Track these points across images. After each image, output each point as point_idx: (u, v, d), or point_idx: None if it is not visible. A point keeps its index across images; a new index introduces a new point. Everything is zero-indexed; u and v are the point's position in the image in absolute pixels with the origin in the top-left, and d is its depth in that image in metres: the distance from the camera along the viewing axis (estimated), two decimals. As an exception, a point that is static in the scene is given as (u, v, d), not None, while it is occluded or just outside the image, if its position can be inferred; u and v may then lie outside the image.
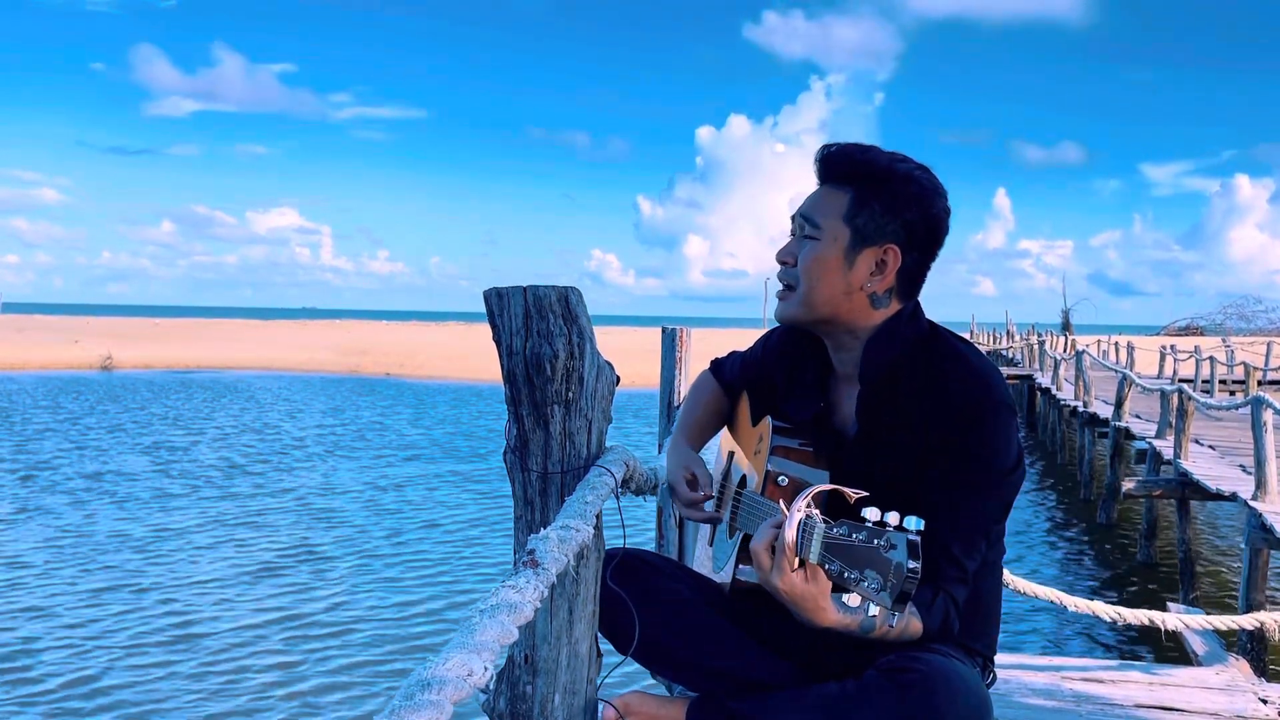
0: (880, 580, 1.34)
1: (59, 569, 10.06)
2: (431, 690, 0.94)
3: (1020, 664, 3.65)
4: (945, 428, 1.67)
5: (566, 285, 1.74)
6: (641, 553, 2.03)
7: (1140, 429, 13.21)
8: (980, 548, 1.70)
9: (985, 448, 1.66)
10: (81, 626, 8.25)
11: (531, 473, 1.77)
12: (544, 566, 1.30)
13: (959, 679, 1.58)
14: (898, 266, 1.72)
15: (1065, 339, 36.49)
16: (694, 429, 2.14)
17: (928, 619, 1.63)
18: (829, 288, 1.74)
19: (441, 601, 9.22)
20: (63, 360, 41.76)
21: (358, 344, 52.99)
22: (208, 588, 9.40)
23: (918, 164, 1.75)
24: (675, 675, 1.99)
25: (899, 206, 1.70)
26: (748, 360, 2.11)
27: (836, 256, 1.73)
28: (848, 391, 1.84)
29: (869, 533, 1.37)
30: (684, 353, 4.83)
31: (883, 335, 1.75)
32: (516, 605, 1.17)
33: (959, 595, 1.68)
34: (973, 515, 1.67)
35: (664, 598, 1.94)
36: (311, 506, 13.46)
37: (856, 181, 1.73)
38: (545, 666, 1.73)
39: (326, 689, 7.02)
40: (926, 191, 1.71)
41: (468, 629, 1.09)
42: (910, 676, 1.58)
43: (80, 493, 14.13)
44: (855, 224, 1.72)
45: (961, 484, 1.67)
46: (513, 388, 1.75)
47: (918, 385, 1.72)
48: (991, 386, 1.69)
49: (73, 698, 6.84)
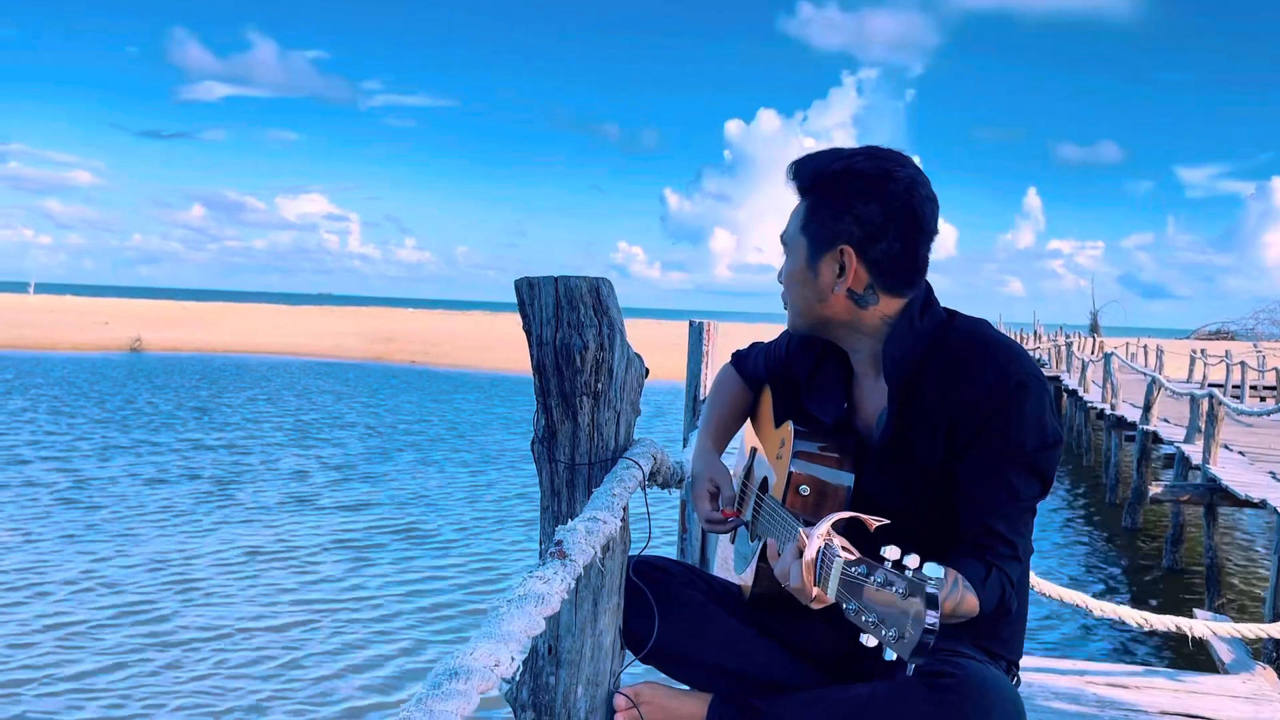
0: (898, 630, 1.29)
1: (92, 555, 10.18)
2: (459, 680, 0.94)
3: (1044, 667, 3.62)
4: (975, 413, 1.64)
5: (598, 276, 1.74)
6: (656, 558, 2.02)
7: (1169, 433, 13.08)
8: (1027, 525, 1.68)
9: (1018, 426, 1.63)
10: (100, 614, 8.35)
11: (559, 463, 1.76)
12: (571, 558, 1.30)
13: (996, 686, 1.56)
14: (858, 262, 1.69)
15: (1093, 341, 36.19)
16: (718, 429, 2.13)
17: (983, 595, 1.58)
18: (804, 298, 1.76)
19: (465, 591, 9.26)
20: (92, 342, 42.18)
21: (383, 331, 53.25)
22: (233, 576, 9.44)
23: (870, 153, 1.71)
24: (693, 678, 1.98)
25: (845, 204, 1.68)
26: (771, 353, 2.10)
27: (801, 268, 1.75)
28: (869, 391, 1.82)
29: (886, 575, 1.33)
30: (710, 347, 4.80)
31: (898, 333, 1.73)
32: (544, 596, 1.17)
33: (1013, 573, 1.64)
34: (1014, 493, 1.64)
35: (680, 602, 1.93)
36: (338, 495, 13.52)
37: (809, 191, 1.74)
38: (569, 658, 1.73)
39: (351, 679, 7.05)
40: (873, 179, 1.67)
41: (495, 619, 1.09)
42: (946, 681, 1.55)
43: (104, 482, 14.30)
44: (809, 232, 1.73)
45: (1000, 463, 1.64)
46: (542, 378, 1.75)
47: (943, 376, 1.69)
48: (1017, 360, 1.66)
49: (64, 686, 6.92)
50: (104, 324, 48.48)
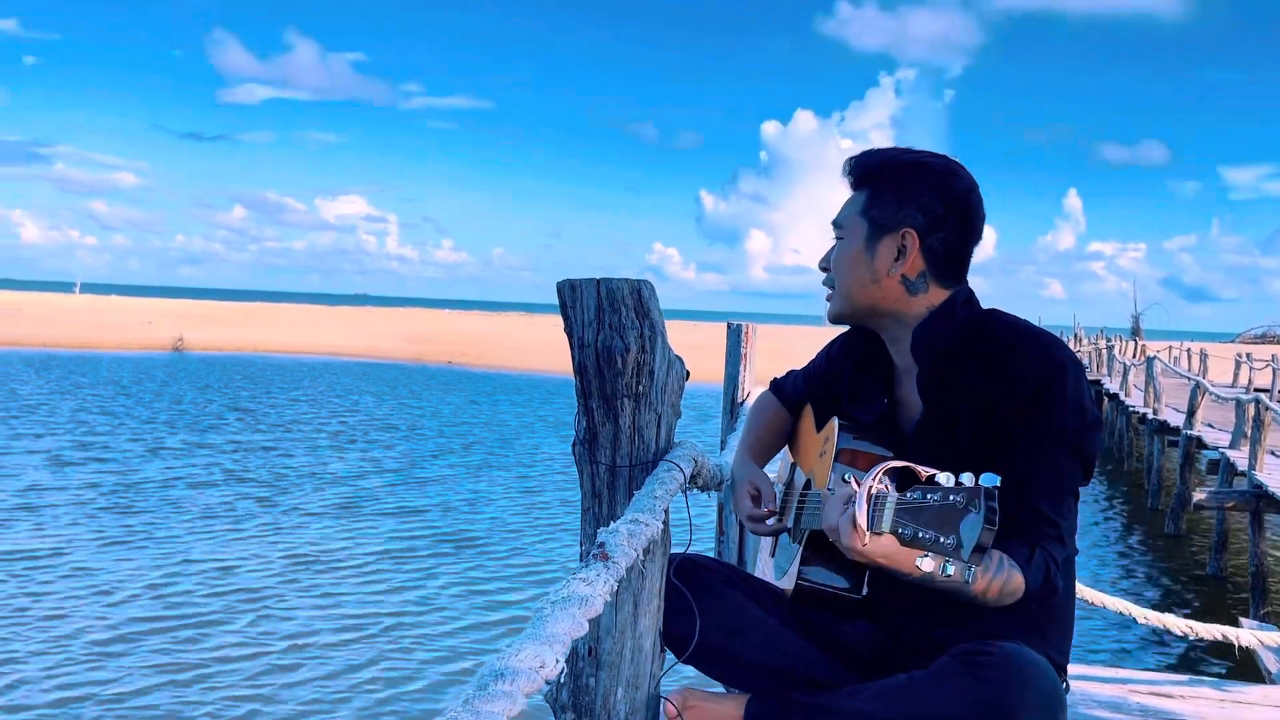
0: (956, 537, 1.30)
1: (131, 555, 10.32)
2: (505, 681, 0.95)
3: (1085, 675, 3.57)
4: (1015, 395, 1.67)
5: (639, 279, 1.74)
6: (697, 557, 2.03)
7: (1213, 439, 12.87)
8: (1071, 507, 1.68)
9: (1059, 407, 1.66)
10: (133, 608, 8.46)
11: (600, 465, 1.77)
12: (614, 560, 1.30)
13: (1034, 666, 1.56)
14: (918, 248, 1.76)
15: (1135, 344, 35.70)
16: (756, 446, 2.16)
17: (1028, 574, 1.58)
18: (857, 278, 1.81)
19: (508, 595, 9.27)
20: (136, 341, 42.82)
21: (420, 332, 53.59)
22: (279, 581, 9.43)
23: (934, 154, 1.81)
24: (732, 677, 1.98)
25: (911, 192, 1.76)
26: (810, 373, 2.13)
27: (858, 248, 1.81)
28: (910, 386, 1.83)
29: (943, 492, 1.34)
30: (749, 349, 4.76)
31: (932, 320, 1.78)
32: (587, 598, 1.17)
33: (1058, 554, 1.64)
34: (1056, 474, 1.66)
35: (722, 601, 1.94)
36: (383, 499, 13.51)
37: (873, 180, 1.82)
38: (609, 660, 1.73)
39: (397, 684, 7.06)
40: (939, 174, 1.77)
41: (539, 621, 1.09)
42: (985, 659, 1.56)
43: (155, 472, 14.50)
44: (871, 216, 1.80)
45: (1040, 446, 1.66)
46: (583, 380, 1.75)
47: (980, 360, 1.73)
48: (1057, 347, 1.70)
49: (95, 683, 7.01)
50: (147, 323, 49.20)
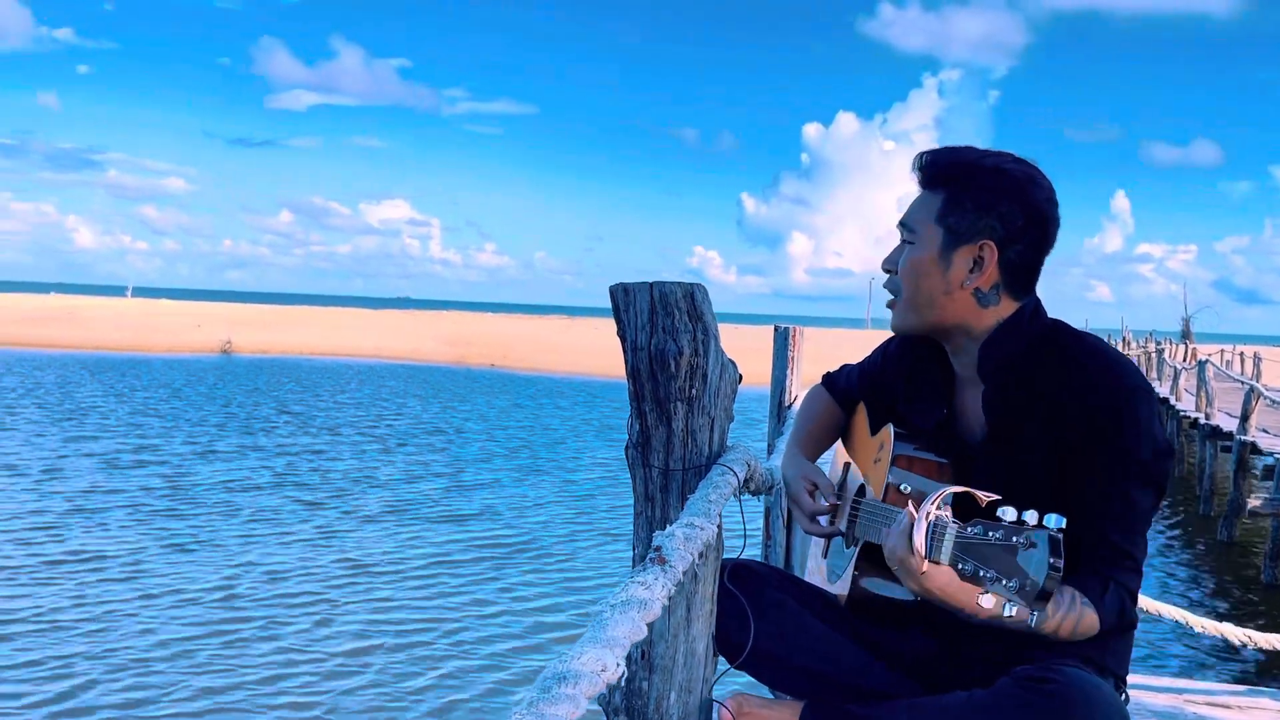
0: (1020, 580, 1.26)
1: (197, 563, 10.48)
2: (568, 684, 0.95)
3: (1140, 684, 3.51)
4: (1085, 420, 1.62)
5: (692, 282, 1.74)
6: (750, 562, 2.02)
7: (1268, 444, 12.62)
8: (1143, 537, 1.64)
9: (1131, 435, 1.61)
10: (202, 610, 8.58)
11: (653, 469, 1.76)
12: (671, 564, 1.30)
13: (1100, 694, 1.52)
14: (996, 261, 1.70)
15: (1185, 348, 35.09)
16: (808, 441, 2.12)
17: (1102, 610, 1.54)
18: (929, 289, 1.73)
19: (558, 599, 9.29)
20: (186, 344, 43.55)
21: (462, 334, 53.93)
22: (333, 586, 9.47)
23: (1014, 158, 1.72)
24: (784, 684, 1.96)
25: (991, 201, 1.68)
26: (865, 370, 2.08)
27: (932, 256, 1.72)
28: (971, 396, 1.79)
29: (1006, 531, 1.30)
30: (796, 352, 4.73)
31: (1001, 334, 1.72)
32: (646, 602, 1.17)
33: (1132, 584, 1.60)
34: (1128, 504, 1.61)
35: (774, 607, 1.92)
36: (435, 504, 13.54)
37: (949, 183, 1.72)
38: (661, 664, 1.72)
39: (449, 688, 7.09)
40: (1020, 182, 1.68)
41: (599, 624, 1.09)
42: (1050, 687, 1.51)
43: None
44: (947, 223, 1.71)
45: (1112, 474, 1.61)
46: (636, 383, 1.75)
47: (1049, 380, 1.67)
48: (1128, 371, 1.64)
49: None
50: (196, 327, 50.00)
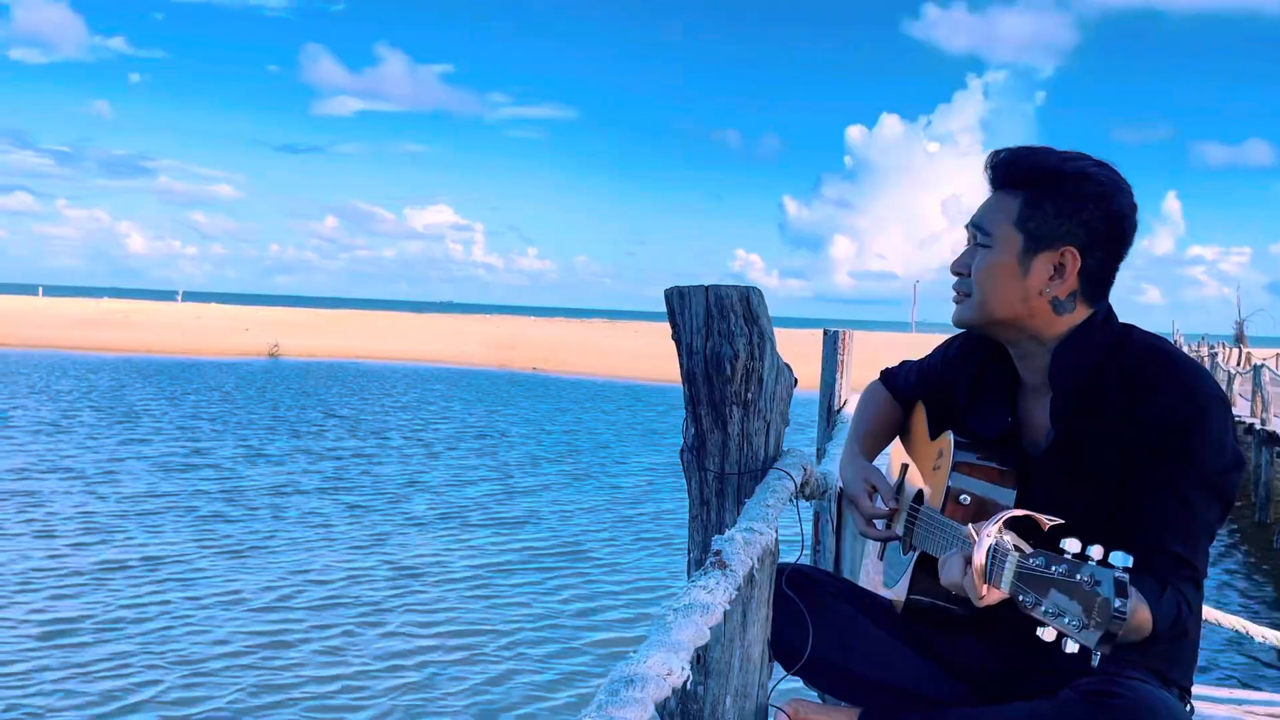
0: (1082, 619, 1.23)
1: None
2: (635, 687, 0.95)
3: (1201, 694, 3.42)
4: (1156, 430, 1.58)
5: (748, 285, 1.74)
6: (806, 567, 2.00)
7: (1327, 450, 12.31)
8: (1205, 550, 1.60)
9: (1203, 446, 1.56)
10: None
11: (708, 473, 1.76)
12: (732, 568, 1.29)
13: (1166, 708, 1.49)
14: (1078, 269, 1.65)
15: (1239, 352, 34.35)
16: (866, 440, 2.06)
17: (1156, 610, 1.48)
18: (1005, 296, 1.68)
19: (610, 604, 9.29)
20: (234, 348, 44.22)
21: (506, 338, 54.22)
22: (380, 588, 9.49)
23: (1095, 161, 1.66)
24: (839, 690, 1.94)
25: (1073, 207, 1.63)
26: (925, 370, 2.03)
27: (1010, 263, 1.67)
28: (1037, 405, 1.74)
29: (1069, 566, 1.26)
30: (846, 355, 4.69)
31: (1073, 340, 1.67)
32: (708, 606, 1.17)
33: (1192, 597, 1.56)
34: (1193, 515, 1.58)
35: (832, 613, 1.89)
36: (485, 510, 13.51)
37: (1027, 185, 1.67)
38: (717, 668, 1.72)
39: (503, 694, 7.09)
40: (1104, 188, 1.63)
41: (663, 628, 1.09)
42: (1114, 702, 1.49)
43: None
44: (1027, 228, 1.65)
45: (1180, 485, 1.57)
46: (692, 387, 1.75)
47: (1121, 390, 1.62)
48: (1202, 380, 1.60)
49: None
50: (244, 330, 50.77)
